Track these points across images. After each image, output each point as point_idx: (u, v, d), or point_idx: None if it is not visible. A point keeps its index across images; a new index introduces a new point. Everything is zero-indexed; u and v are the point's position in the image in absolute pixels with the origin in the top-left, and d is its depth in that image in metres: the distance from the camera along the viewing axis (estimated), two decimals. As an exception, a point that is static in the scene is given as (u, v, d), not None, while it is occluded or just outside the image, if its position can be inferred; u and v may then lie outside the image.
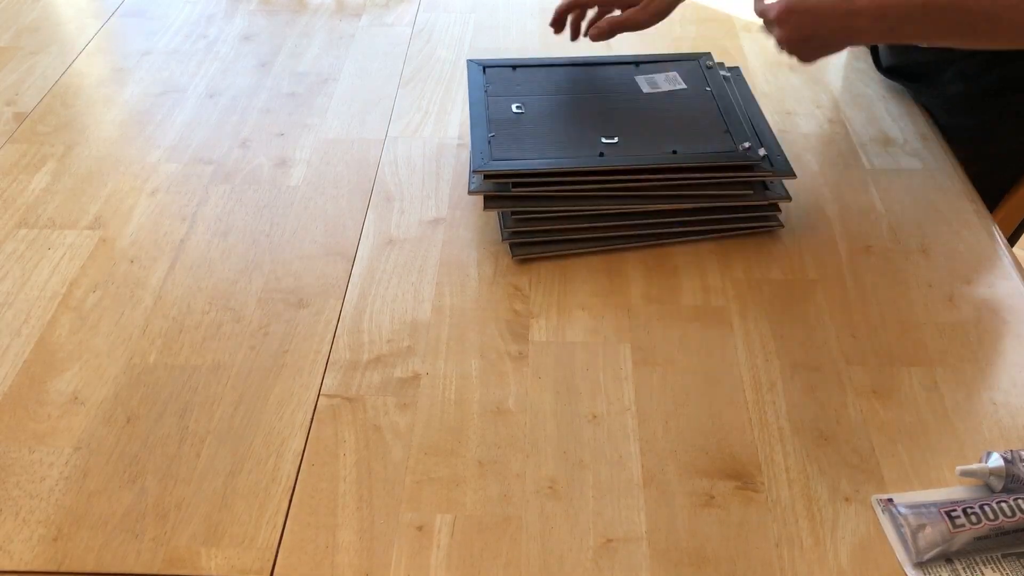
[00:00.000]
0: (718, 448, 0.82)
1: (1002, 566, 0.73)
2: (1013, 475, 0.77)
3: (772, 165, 1.02)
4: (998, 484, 0.77)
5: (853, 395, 0.87)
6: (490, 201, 1.03)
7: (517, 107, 1.10)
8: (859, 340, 0.93)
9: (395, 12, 1.51)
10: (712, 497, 0.78)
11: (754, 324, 0.95)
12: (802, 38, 0.94)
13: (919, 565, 0.73)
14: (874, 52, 1.33)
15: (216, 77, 1.33)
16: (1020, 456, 0.77)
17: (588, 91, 1.15)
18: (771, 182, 1.04)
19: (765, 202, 1.03)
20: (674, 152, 1.01)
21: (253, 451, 0.82)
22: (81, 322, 0.94)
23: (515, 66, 1.19)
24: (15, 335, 0.93)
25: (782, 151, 1.05)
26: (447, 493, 0.79)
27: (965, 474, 0.78)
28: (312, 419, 0.85)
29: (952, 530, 0.73)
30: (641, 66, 1.17)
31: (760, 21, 0.98)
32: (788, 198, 1.04)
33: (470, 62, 1.20)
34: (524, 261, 1.02)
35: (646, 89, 1.13)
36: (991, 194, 1.18)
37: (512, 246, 1.02)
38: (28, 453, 0.82)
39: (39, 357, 0.91)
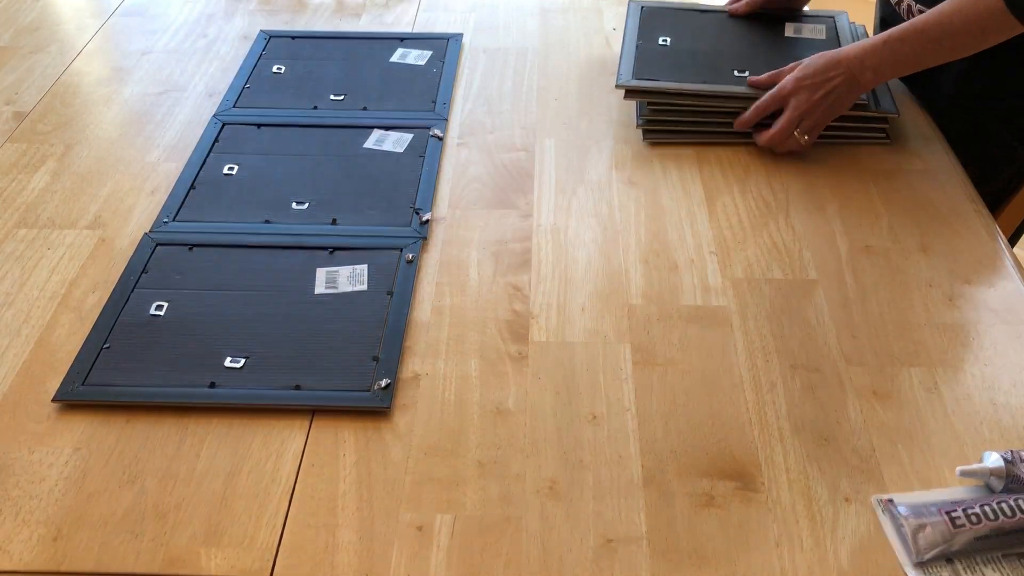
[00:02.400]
0: (718, 448, 0.82)
1: (1002, 566, 0.73)
2: (1013, 475, 0.77)
3: (878, 104, 1.17)
4: (998, 484, 0.77)
5: (853, 395, 0.87)
6: (630, 94, 1.20)
7: (663, 40, 1.28)
8: (859, 340, 0.93)
9: (395, 12, 1.51)
10: (712, 497, 0.78)
11: (754, 324, 0.95)
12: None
13: (919, 565, 0.73)
14: None
15: (216, 77, 1.33)
16: (1020, 456, 0.77)
17: (735, 36, 1.31)
18: (881, 98, 1.18)
19: (875, 113, 1.16)
20: None
21: (253, 451, 0.82)
22: (81, 322, 0.94)
23: (677, 9, 1.37)
24: (15, 335, 0.93)
25: (888, 91, 1.19)
26: (447, 493, 0.79)
27: (965, 474, 0.78)
28: (312, 419, 0.85)
29: (952, 530, 0.73)
30: (787, 23, 1.34)
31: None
32: (896, 113, 1.17)
33: (631, 3, 1.37)
34: (523, 264, 1.02)
35: (789, 33, 1.31)
36: (990, 196, 1.18)
37: (645, 132, 1.20)
38: (28, 453, 0.82)
39: (39, 357, 0.91)
